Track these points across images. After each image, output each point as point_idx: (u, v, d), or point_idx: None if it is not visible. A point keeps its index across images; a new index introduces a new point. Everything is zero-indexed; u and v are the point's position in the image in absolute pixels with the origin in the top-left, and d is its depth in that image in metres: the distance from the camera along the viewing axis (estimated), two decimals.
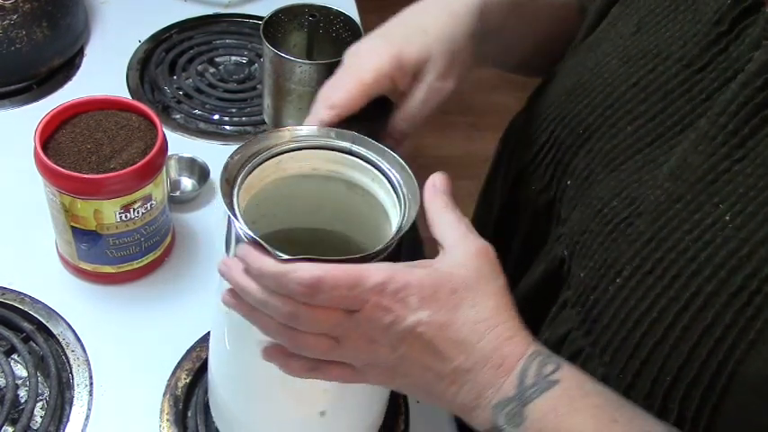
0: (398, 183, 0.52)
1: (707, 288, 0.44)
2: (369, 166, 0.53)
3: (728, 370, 0.42)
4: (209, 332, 0.62)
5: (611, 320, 0.49)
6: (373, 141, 0.54)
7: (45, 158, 0.66)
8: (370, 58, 0.57)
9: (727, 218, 0.44)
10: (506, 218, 0.66)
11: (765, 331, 0.41)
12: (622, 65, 0.55)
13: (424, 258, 0.49)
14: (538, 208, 0.61)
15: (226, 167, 0.50)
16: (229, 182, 0.50)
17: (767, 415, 0.42)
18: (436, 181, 0.51)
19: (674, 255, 0.46)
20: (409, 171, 0.52)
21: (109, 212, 0.68)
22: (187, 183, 0.85)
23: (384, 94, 0.58)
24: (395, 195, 0.52)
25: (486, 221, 0.71)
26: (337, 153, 0.54)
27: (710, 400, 0.43)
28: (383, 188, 0.53)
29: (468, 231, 0.49)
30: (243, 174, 0.51)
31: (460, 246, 0.48)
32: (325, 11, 0.75)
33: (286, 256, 0.46)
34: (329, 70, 0.69)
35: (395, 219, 0.51)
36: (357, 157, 0.54)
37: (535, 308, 0.58)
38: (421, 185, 0.51)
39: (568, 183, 0.57)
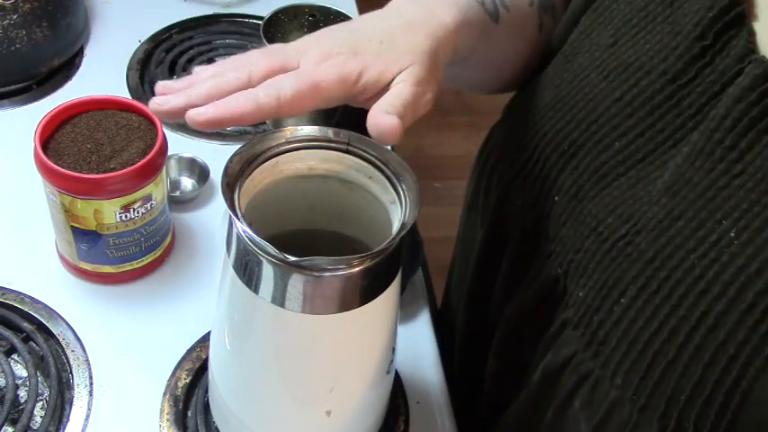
0: (398, 181, 0.52)
1: (717, 307, 0.43)
2: (367, 164, 0.53)
3: (743, 387, 0.42)
4: (209, 332, 0.62)
5: (619, 341, 0.48)
6: (371, 140, 0.54)
7: (45, 158, 0.66)
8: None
9: (732, 234, 0.43)
10: (493, 235, 0.65)
11: None
12: (603, 79, 0.54)
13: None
14: (525, 224, 0.60)
15: (226, 170, 0.50)
16: (230, 185, 0.50)
17: None
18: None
19: (680, 273, 0.45)
20: (409, 169, 0.52)
21: (109, 212, 0.68)
22: (187, 183, 0.85)
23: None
24: (394, 194, 0.52)
25: (473, 238, 0.70)
26: (334, 152, 0.53)
27: (725, 417, 0.43)
28: (382, 187, 0.53)
29: None
30: (244, 175, 0.51)
31: None
32: (325, 11, 0.75)
33: (292, 258, 0.46)
34: None
35: (395, 218, 0.51)
36: (355, 155, 0.53)
37: (530, 327, 0.58)
38: (421, 185, 0.51)
39: (556, 199, 0.56)
